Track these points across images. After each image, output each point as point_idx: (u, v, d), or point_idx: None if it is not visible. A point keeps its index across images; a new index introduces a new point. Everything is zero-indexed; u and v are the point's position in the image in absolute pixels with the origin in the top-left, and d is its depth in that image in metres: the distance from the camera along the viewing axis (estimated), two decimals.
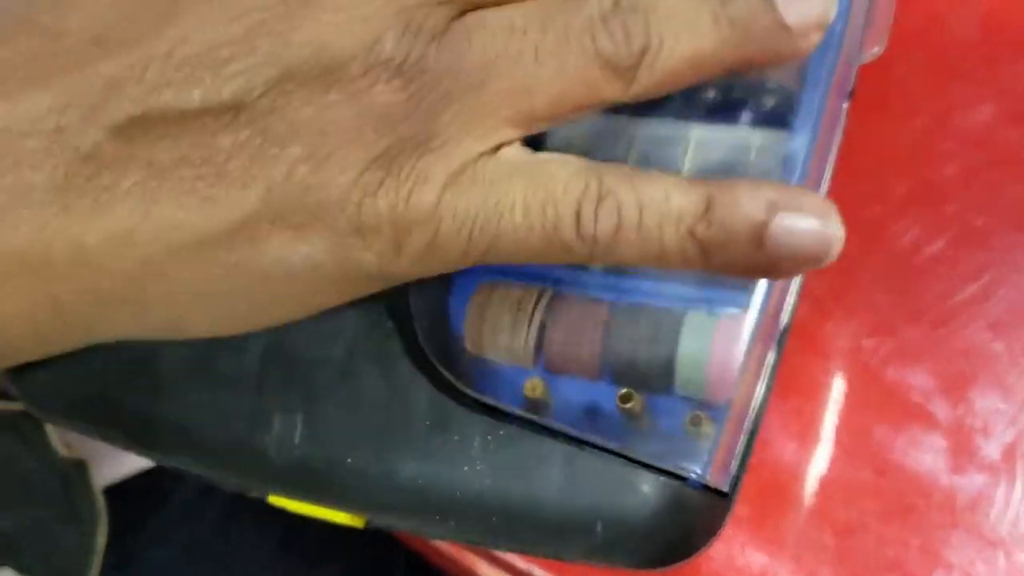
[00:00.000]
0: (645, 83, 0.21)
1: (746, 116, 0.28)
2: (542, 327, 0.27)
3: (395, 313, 0.27)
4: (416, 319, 0.27)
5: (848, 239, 0.37)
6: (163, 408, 0.28)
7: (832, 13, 0.22)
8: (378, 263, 0.20)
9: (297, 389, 0.26)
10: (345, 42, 0.18)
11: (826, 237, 0.20)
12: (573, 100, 0.20)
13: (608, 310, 0.26)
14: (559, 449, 0.25)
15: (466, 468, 0.26)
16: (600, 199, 0.20)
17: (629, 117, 0.28)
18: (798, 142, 0.27)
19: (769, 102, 0.28)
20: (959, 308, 0.35)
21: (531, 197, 0.20)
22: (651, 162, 0.28)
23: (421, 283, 0.27)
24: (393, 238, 0.20)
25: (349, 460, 0.26)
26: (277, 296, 0.21)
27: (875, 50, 0.29)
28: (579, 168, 0.20)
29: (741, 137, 0.28)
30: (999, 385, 0.33)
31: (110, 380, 0.29)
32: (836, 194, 0.32)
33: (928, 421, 0.33)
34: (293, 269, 0.20)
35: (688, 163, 0.28)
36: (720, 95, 0.28)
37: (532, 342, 0.27)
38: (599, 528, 0.24)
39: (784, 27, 0.21)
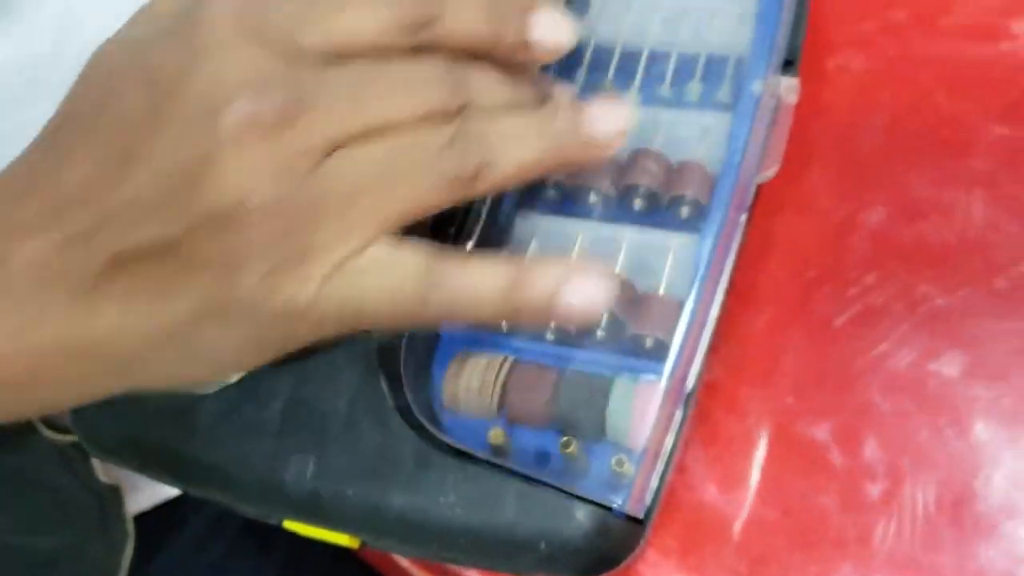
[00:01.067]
0: (483, 188, 0.27)
1: (667, 222, 0.35)
2: (504, 388, 0.34)
3: (389, 376, 0.34)
4: (405, 381, 0.34)
5: (769, 314, 0.44)
6: (199, 449, 0.35)
7: (630, 122, 0.29)
8: (280, 338, 0.27)
9: (310, 436, 0.33)
10: (232, 193, 0.25)
11: (600, 292, 0.27)
12: (426, 206, 0.27)
13: (556, 375, 0.33)
14: (514, 485, 0.32)
15: (441, 500, 0.32)
16: (431, 287, 0.27)
17: (573, 219, 0.36)
18: (704, 246, 0.34)
19: (685, 212, 0.35)
20: (857, 374, 0.42)
21: (385, 289, 0.26)
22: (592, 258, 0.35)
23: (410, 352, 0.34)
24: (290, 321, 0.26)
25: (350, 493, 0.33)
26: (223, 361, 0.28)
27: (769, 172, 0.36)
28: (418, 263, 0.27)
29: (663, 240, 0.35)
30: (883, 439, 0.40)
31: (155, 424, 0.36)
32: (764, 274, 0.40)
33: (827, 468, 0.40)
34: (226, 346, 0.27)
35: (621, 260, 0.35)
36: (647, 205, 0.36)
37: (496, 400, 0.34)
38: (543, 546, 0.31)
39: (592, 139, 0.29)
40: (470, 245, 0.36)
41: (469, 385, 0.34)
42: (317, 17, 0.26)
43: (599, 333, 0.34)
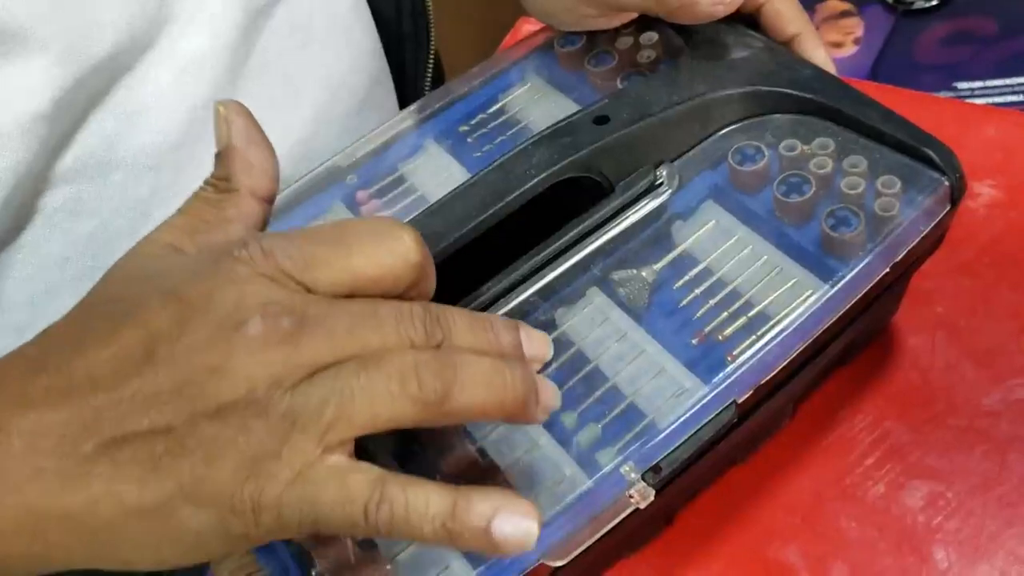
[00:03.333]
0: (445, 413, 0.30)
1: None
2: None
3: None
4: None
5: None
6: None
7: (557, 404, 0.33)
8: (243, 529, 0.30)
9: None
10: (236, 391, 0.29)
11: (530, 530, 0.30)
12: (384, 420, 0.30)
13: None
14: None
15: None
16: (380, 502, 0.29)
17: None
18: None
19: None
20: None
21: (337, 497, 0.29)
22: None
23: None
24: (253, 515, 0.29)
25: None
26: (189, 545, 0.31)
27: None
28: (372, 479, 0.30)
29: None
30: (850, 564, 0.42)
31: None
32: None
33: None
34: (194, 529, 0.30)
35: None
36: None
37: None
38: None
39: (538, 403, 0.32)
40: None
41: (219, 572, 0.38)
42: (325, 260, 0.31)
43: None
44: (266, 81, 0.53)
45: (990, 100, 0.73)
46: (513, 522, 0.30)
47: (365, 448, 0.31)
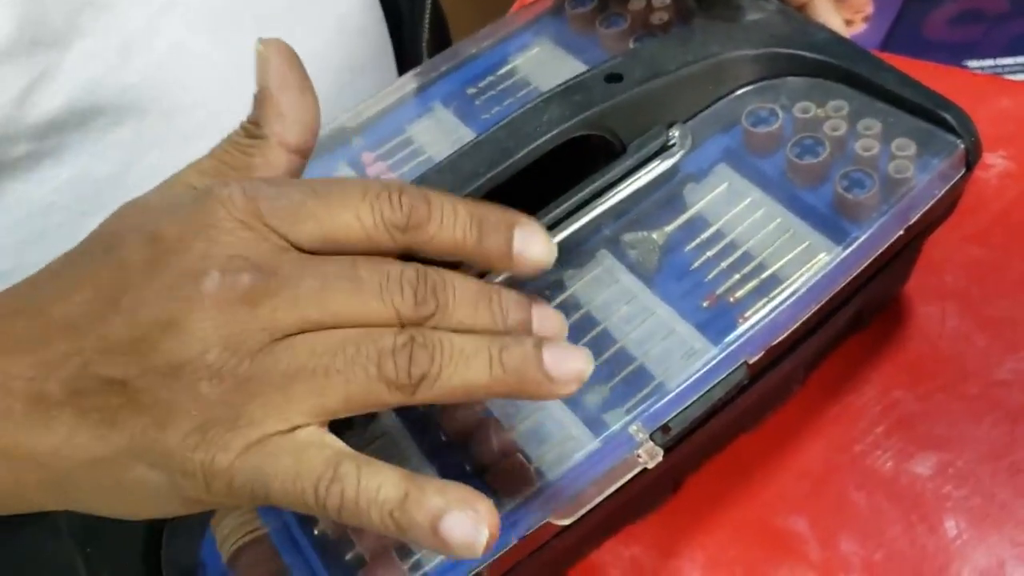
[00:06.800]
0: (424, 398, 0.29)
1: None
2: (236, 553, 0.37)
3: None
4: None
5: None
6: None
7: (589, 371, 0.30)
8: (195, 494, 0.29)
9: None
10: (188, 351, 0.27)
11: (478, 536, 0.28)
12: (361, 404, 0.28)
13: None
14: None
15: None
16: (332, 482, 0.28)
17: None
18: None
19: None
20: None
21: (289, 472, 0.28)
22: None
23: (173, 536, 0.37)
24: (204, 481, 0.28)
25: None
26: (145, 500, 0.30)
27: None
28: (328, 456, 0.28)
29: None
30: (858, 534, 0.42)
31: None
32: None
33: (804, 559, 0.42)
34: (148, 487, 0.29)
35: None
36: None
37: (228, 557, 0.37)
38: None
39: (549, 377, 0.29)
40: None
41: (221, 529, 0.38)
42: (310, 213, 0.29)
43: None
44: (249, 26, 0.52)
45: None
46: (462, 525, 0.27)
47: None
